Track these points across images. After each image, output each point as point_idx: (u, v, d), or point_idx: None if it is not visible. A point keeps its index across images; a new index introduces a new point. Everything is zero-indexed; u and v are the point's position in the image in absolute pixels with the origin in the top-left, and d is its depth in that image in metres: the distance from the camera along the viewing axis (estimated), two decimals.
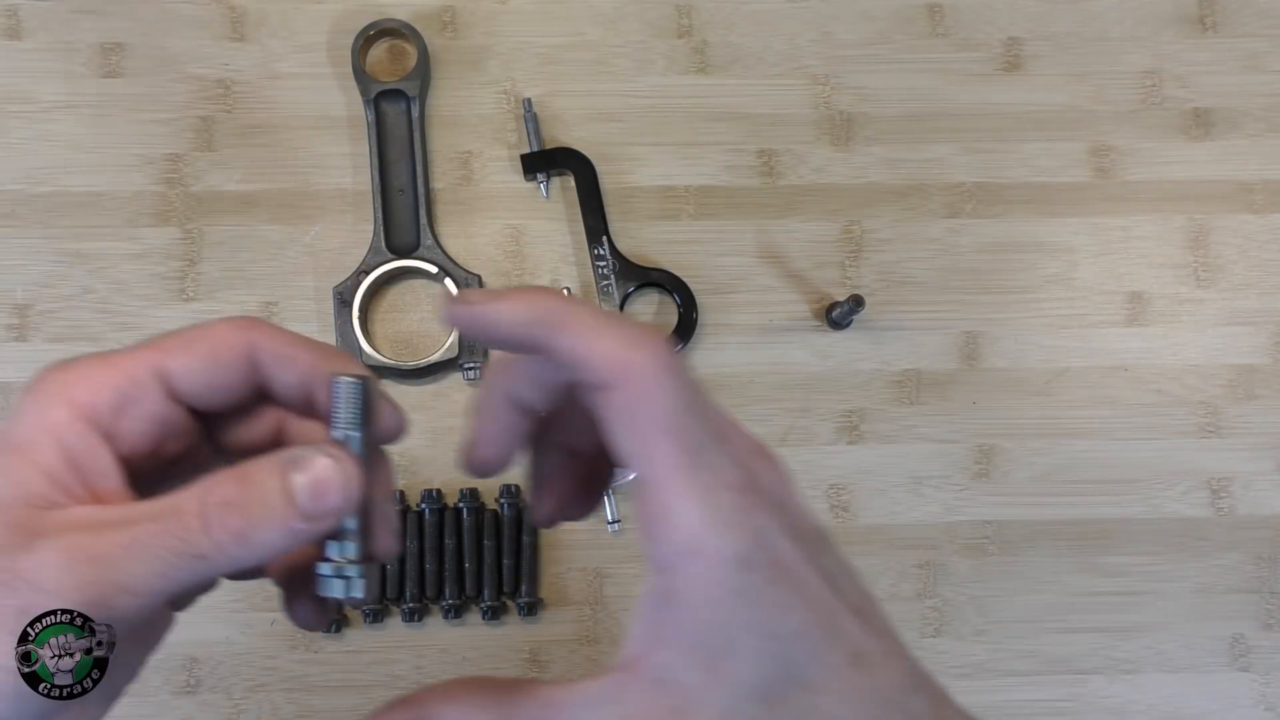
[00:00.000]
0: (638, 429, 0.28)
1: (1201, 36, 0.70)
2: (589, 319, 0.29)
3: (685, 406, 0.28)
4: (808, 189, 0.68)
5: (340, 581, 0.30)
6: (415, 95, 0.66)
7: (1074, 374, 0.67)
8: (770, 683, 0.27)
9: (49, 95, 0.67)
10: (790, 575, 0.28)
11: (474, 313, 0.30)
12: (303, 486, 0.29)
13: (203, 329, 0.31)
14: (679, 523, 0.27)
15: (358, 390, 0.30)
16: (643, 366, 0.28)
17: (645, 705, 0.27)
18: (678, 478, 0.27)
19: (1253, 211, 0.68)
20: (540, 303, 0.29)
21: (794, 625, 0.28)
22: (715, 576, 0.27)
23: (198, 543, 0.28)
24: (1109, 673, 0.65)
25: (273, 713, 0.63)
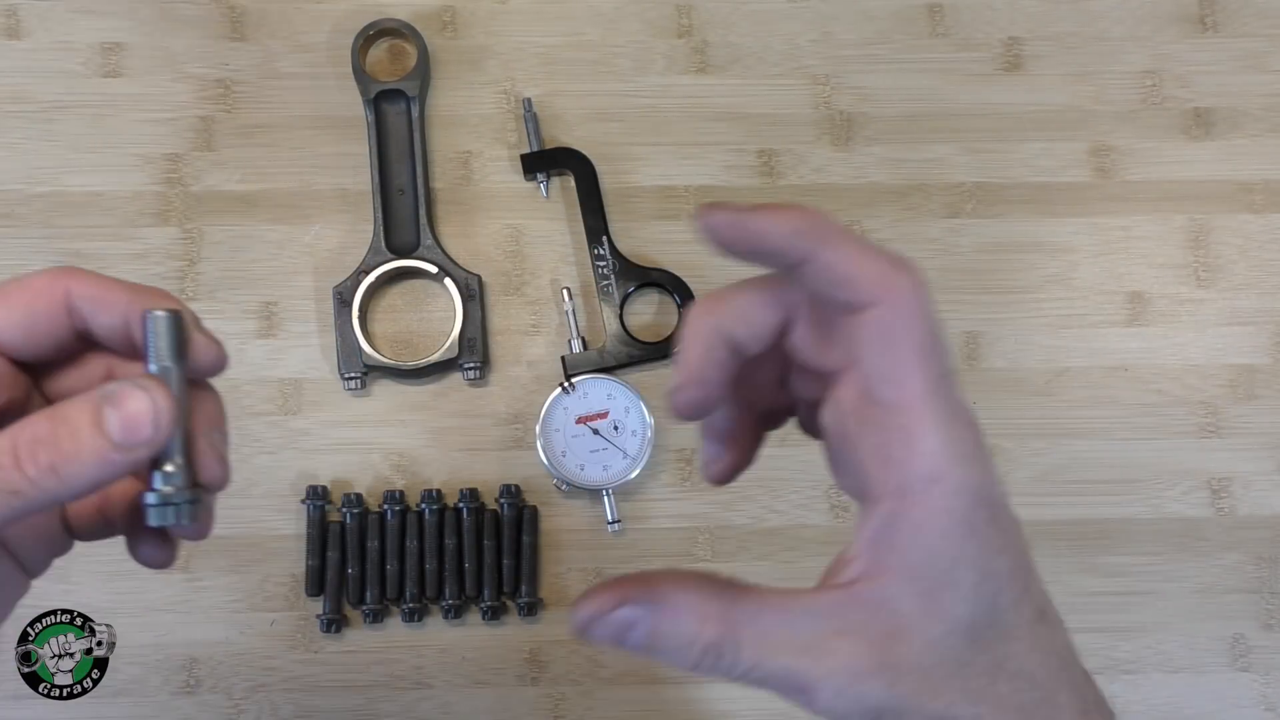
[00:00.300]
0: (894, 350, 0.28)
1: (1201, 36, 0.70)
2: (854, 238, 0.29)
3: (937, 333, 0.29)
4: (808, 189, 0.68)
5: (169, 509, 0.30)
6: (415, 95, 0.66)
7: (1074, 374, 0.67)
8: (978, 622, 0.28)
9: (49, 95, 0.67)
10: (1002, 519, 0.29)
11: (741, 220, 0.29)
12: (114, 418, 0.28)
13: (17, 281, 0.32)
14: (924, 448, 0.28)
15: (170, 323, 0.31)
16: (907, 288, 0.28)
17: (860, 625, 0.28)
18: (929, 404, 0.28)
19: (1253, 211, 0.68)
20: (809, 217, 0.29)
21: (1004, 569, 0.28)
22: (951, 505, 0.28)
23: (10, 479, 0.28)
24: (1109, 673, 0.65)
25: (273, 713, 0.63)
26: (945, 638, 0.28)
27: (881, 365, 0.28)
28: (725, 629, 0.28)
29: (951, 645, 0.28)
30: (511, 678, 0.64)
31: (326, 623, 0.63)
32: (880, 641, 0.28)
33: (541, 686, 0.64)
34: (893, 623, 0.28)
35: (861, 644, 0.28)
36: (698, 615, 0.28)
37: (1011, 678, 0.28)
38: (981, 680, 0.28)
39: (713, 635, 0.28)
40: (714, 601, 0.29)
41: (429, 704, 0.64)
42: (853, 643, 0.28)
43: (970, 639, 0.28)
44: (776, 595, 0.29)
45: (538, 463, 0.64)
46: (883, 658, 0.28)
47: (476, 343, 0.65)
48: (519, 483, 0.65)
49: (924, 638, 0.28)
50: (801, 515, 0.65)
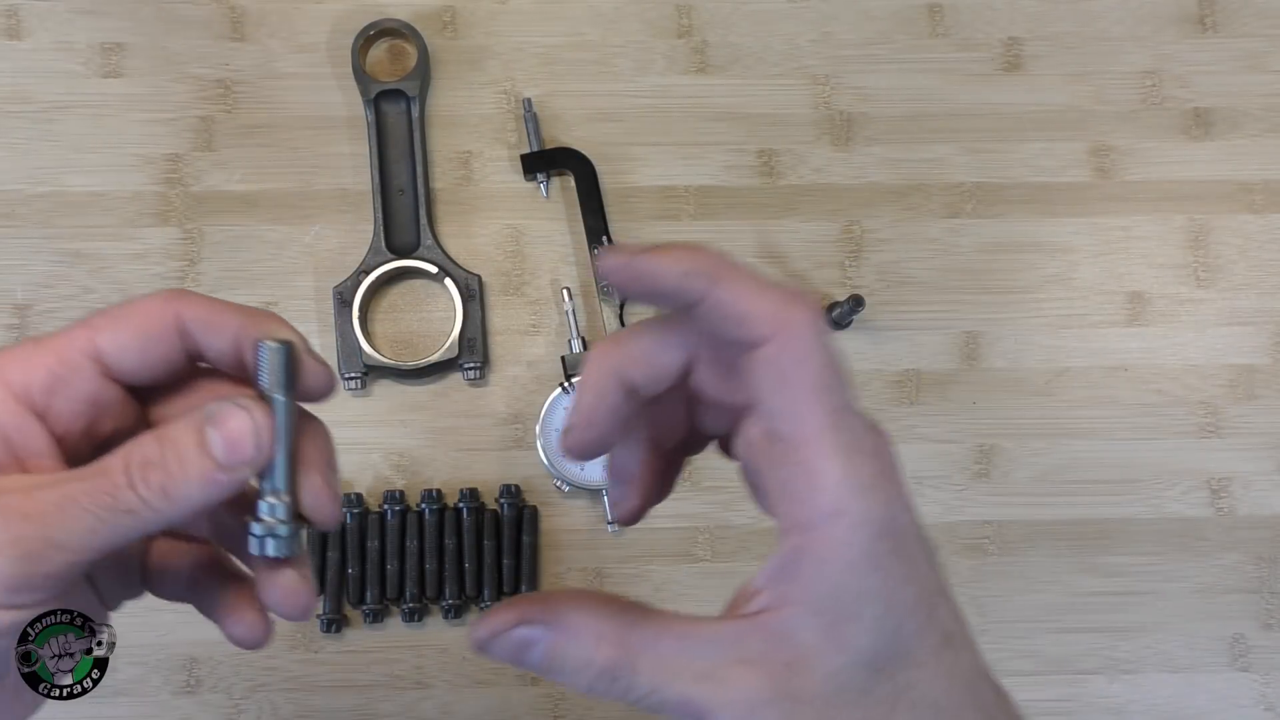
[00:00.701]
0: (789, 386, 0.28)
1: (1201, 36, 0.70)
2: (747, 275, 0.29)
3: (834, 367, 0.29)
4: (808, 189, 0.68)
5: (271, 540, 0.31)
6: (415, 95, 0.66)
7: (1074, 374, 0.67)
8: (880, 652, 0.28)
9: (49, 95, 0.67)
10: (908, 549, 0.29)
11: (635, 264, 0.29)
12: (217, 438, 0.29)
13: (130, 304, 0.31)
14: (824, 483, 0.28)
15: (282, 354, 0.31)
16: (799, 324, 0.28)
17: (760, 655, 0.28)
18: (826, 438, 0.28)
19: (1253, 211, 0.68)
20: (701, 257, 0.29)
21: (909, 599, 0.29)
22: (853, 539, 0.28)
23: (125, 498, 0.28)
24: (1109, 673, 0.65)
25: (273, 713, 0.63)
26: (846, 668, 0.28)
27: (779, 401, 0.28)
28: (622, 653, 0.29)
29: (852, 675, 0.28)
30: (511, 678, 0.64)
31: (327, 623, 0.63)
32: (780, 672, 0.28)
33: (541, 687, 0.64)
34: (794, 653, 0.28)
35: (761, 674, 0.28)
36: (594, 637, 0.29)
37: (912, 705, 0.29)
38: (881, 709, 0.28)
39: (609, 658, 0.29)
40: (612, 624, 0.29)
41: (429, 704, 0.64)
42: (752, 672, 0.28)
43: (872, 669, 0.28)
44: (678, 622, 0.29)
45: (538, 463, 0.64)
46: (782, 688, 0.28)
47: (476, 343, 0.65)
48: (519, 483, 0.65)
49: (825, 669, 0.28)
50: None
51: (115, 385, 0.31)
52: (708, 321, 0.29)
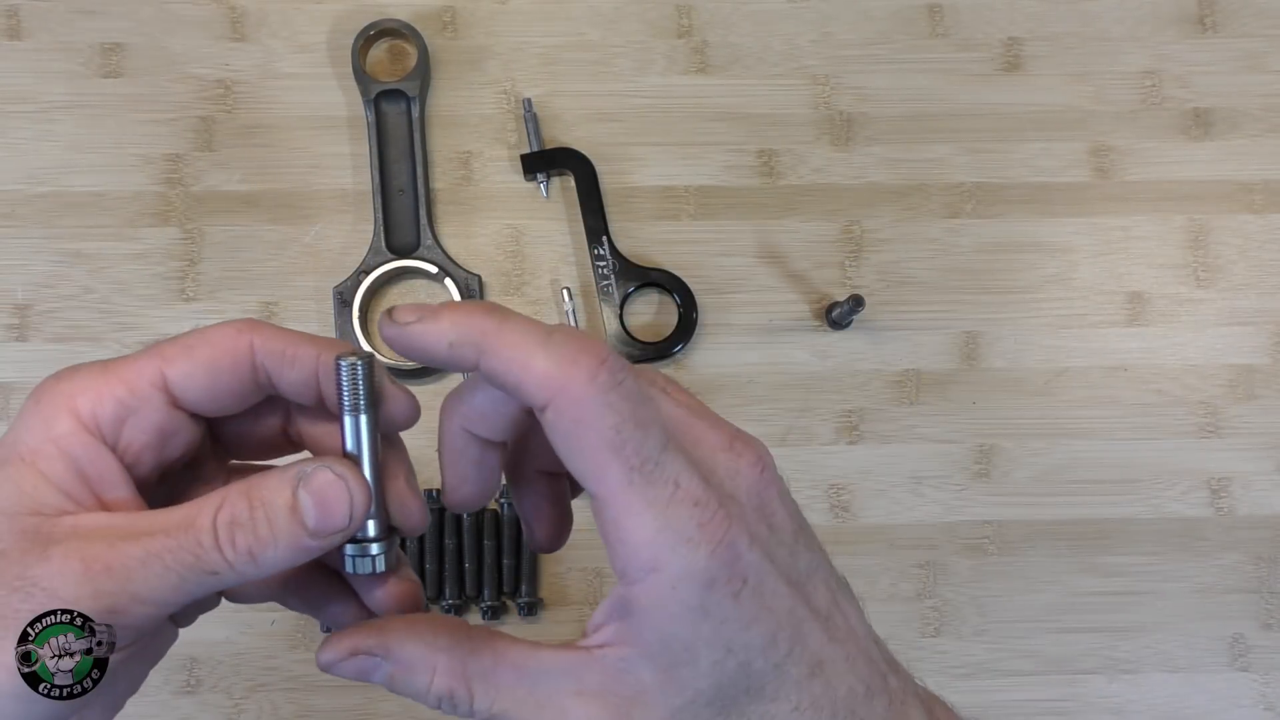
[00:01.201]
0: (581, 448, 0.27)
1: (1201, 36, 0.70)
2: (519, 338, 0.28)
3: (628, 421, 0.27)
4: (808, 189, 0.68)
5: (364, 559, 0.31)
6: (415, 95, 0.66)
7: (1074, 374, 0.67)
8: (726, 691, 0.28)
9: (49, 95, 0.67)
10: (756, 589, 0.28)
11: (403, 334, 0.29)
12: (309, 504, 0.29)
13: (202, 335, 0.31)
14: (635, 540, 0.27)
15: (364, 370, 0.30)
16: (576, 386, 0.27)
17: (600, 688, 0.28)
18: (630, 495, 0.27)
19: (1253, 211, 0.68)
20: (468, 322, 0.28)
21: (757, 640, 0.28)
22: (674, 594, 0.27)
23: (211, 559, 0.28)
24: (1109, 673, 0.65)
25: (273, 713, 0.63)
26: (686, 708, 0.28)
27: (574, 464, 0.28)
28: (456, 682, 0.29)
29: (696, 713, 0.28)
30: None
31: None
32: (621, 706, 0.28)
33: None
34: (634, 689, 0.28)
35: (599, 706, 0.28)
36: (427, 667, 0.29)
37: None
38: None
39: (443, 687, 0.29)
40: (445, 655, 0.29)
41: None
42: (591, 704, 0.28)
43: (716, 707, 0.28)
44: (516, 649, 0.29)
45: None
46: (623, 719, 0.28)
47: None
48: None
49: (666, 708, 0.28)
50: None
51: (185, 414, 0.31)
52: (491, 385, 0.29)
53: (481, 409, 0.31)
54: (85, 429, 0.29)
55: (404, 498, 0.32)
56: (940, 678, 0.65)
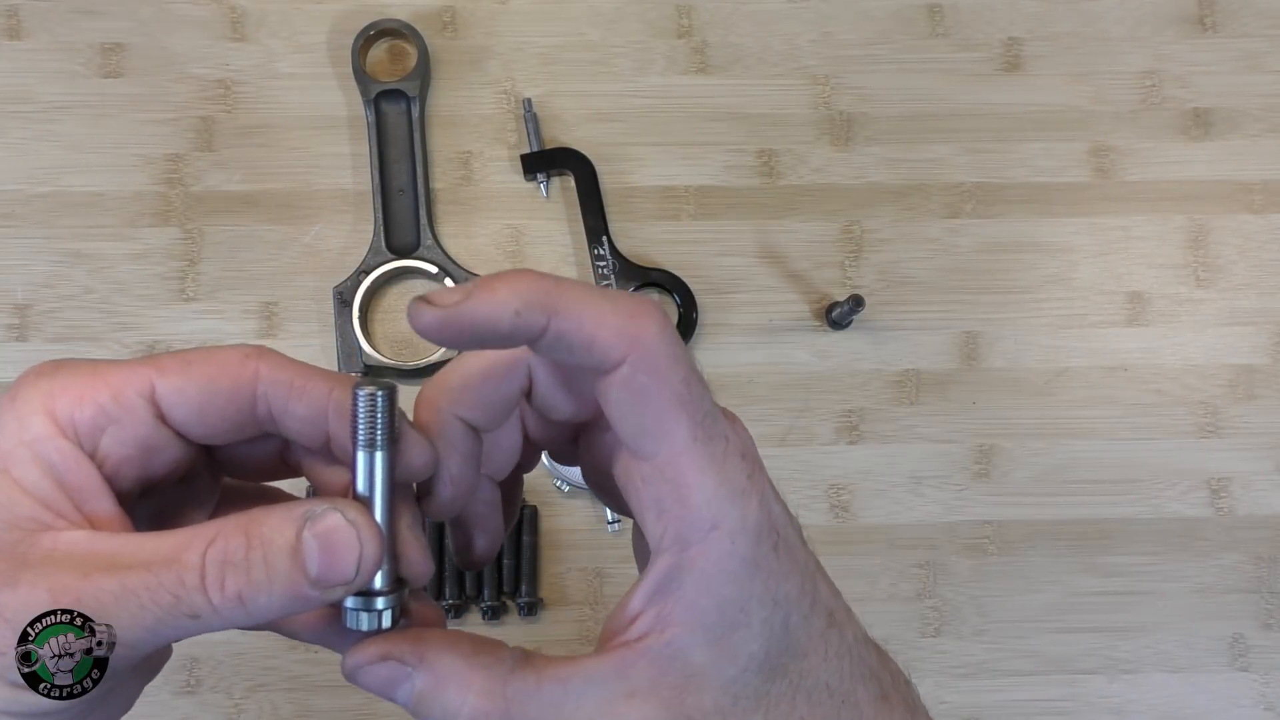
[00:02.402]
0: (650, 404, 0.27)
1: (1201, 36, 0.70)
2: (585, 296, 0.27)
3: (692, 374, 0.27)
4: (808, 189, 0.68)
5: (367, 615, 0.28)
6: (415, 95, 0.66)
7: (1074, 374, 0.67)
8: (773, 652, 0.28)
9: (49, 95, 0.67)
10: (786, 541, 0.28)
11: (459, 315, 0.26)
12: (314, 553, 0.26)
13: (205, 353, 0.29)
14: (698, 498, 0.27)
15: (382, 402, 0.27)
16: (652, 338, 0.26)
17: (650, 683, 0.27)
18: (695, 450, 0.27)
19: (1253, 211, 0.68)
20: (531, 286, 0.27)
21: (791, 591, 0.28)
22: (732, 549, 0.27)
23: (194, 602, 0.26)
24: (1109, 673, 0.65)
25: (273, 713, 0.63)
26: (740, 676, 0.27)
27: (641, 421, 0.27)
28: (493, 703, 0.27)
29: (748, 682, 0.27)
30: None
31: None
32: (674, 695, 0.27)
33: None
34: (684, 674, 0.27)
35: (653, 703, 0.27)
36: (462, 685, 0.27)
37: (809, 693, 0.28)
38: (782, 707, 0.28)
39: (478, 709, 0.27)
40: (483, 673, 0.27)
41: None
42: (644, 703, 0.27)
43: (766, 671, 0.28)
44: (556, 665, 0.27)
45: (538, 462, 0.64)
46: (677, 712, 0.27)
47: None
48: None
49: (719, 682, 0.27)
50: (801, 515, 0.65)
51: (172, 432, 0.29)
52: (554, 353, 0.27)
53: (477, 394, 0.30)
54: (61, 433, 0.27)
55: (410, 546, 0.29)
56: (940, 678, 0.65)
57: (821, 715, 0.28)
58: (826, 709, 0.29)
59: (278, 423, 0.29)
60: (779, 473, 0.65)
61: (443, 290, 0.27)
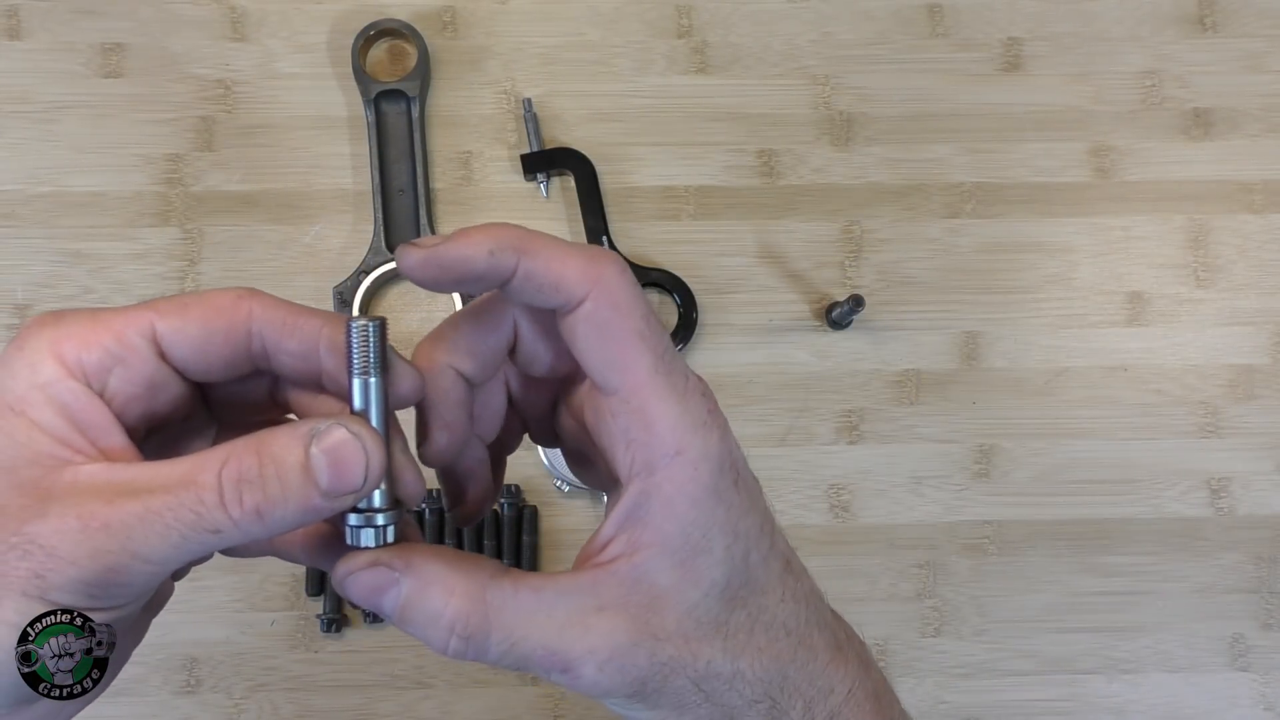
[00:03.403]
0: (613, 337, 0.29)
1: (1201, 36, 0.70)
2: (551, 241, 0.29)
3: (650, 313, 0.29)
4: (808, 189, 0.68)
5: (370, 531, 0.30)
6: (415, 95, 0.66)
7: (1074, 374, 0.67)
8: (732, 581, 0.30)
9: (49, 95, 0.67)
10: (746, 482, 0.30)
11: (439, 255, 0.29)
12: (323, 465, 0.27)
13: (199, 296, 0.30)
14: (661, 426, 0.29)
15: (374, 332, 0.29)
16: (612, 277, 0.29)
17: (619, 600, 0.29)
18: (657, 381, 0.29)
19: (1253, 211, 0.68)
20: (503, 232, 0.29)
21: (752, 528, 0.30)
22: (695, 475, 0.29)
23: (215, 518, 0.27)
24: (1109, 673, 0.65)
25: (273, 713, 0.63)
26: (703, 601, 0.29)
27: (605, 355, 0.29)
28: (473, 606, 0.29)
29: (709, 608, 0.29)
30: (511, 677, 0.64)
31: (327, 622, 0.63)
32: (640, 614, 0.29)
33: (542, 686, 0.64)
34: (651, 595, 0.29)
35: (621, 618, 0.29)
36: (445, 589, 0.29)
37: (767, 628, 0.30)
38: (740, 636, 0.30)
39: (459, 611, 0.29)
40: (465, 580, 0.29)
41: (429, 704, 0.64)
42: (612, 618, 0.29)
43: (726, 599, 0.30)
44: (533, 578, 0.30)
45: (538, 463, 0.64)
46: (644, 629, 0.29)
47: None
48: (519, 483, 0.65)
49: (683, 605, 0.29)
50: (801, 515, 0.65)
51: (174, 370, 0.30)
52: (523, 294, 0.29)
53: (468, 344, 0.31)
54: (71, 375, 0.28)
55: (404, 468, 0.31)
56: (940, 678, 0.65)
57: (777, 651, 0.30)
58: (783, 646, 0.31)
59: (271, 359, 0.31)
60: (779, 473, 0.65)
61: (426, 238, 0.29)
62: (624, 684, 0.29)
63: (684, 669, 0.29)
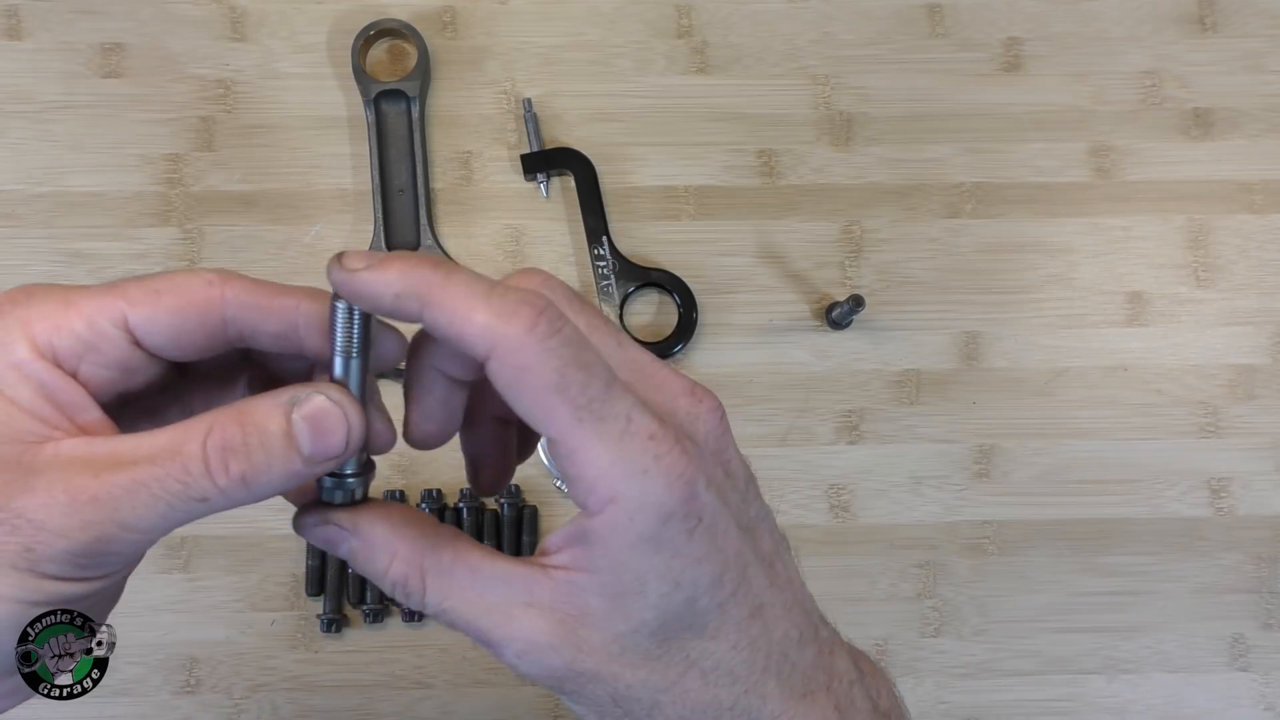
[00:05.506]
0: (526, 394, 0.28)
1: (1201, 36, 0.70)
2: (462, 290, 0.28)
3: (570, 364, 0.28)
4: (808, 189, 0.68)
5: (340, 492, 0.31)
6: (415, 95, 0.66)
7: (1074, 374, 0.67)
8: (669, 624, 0.29)
9: (49, 95, 0.67)
10: (710, 529, 0.29)
11: (350, 280, 0.29)
12: (304, 430, 0.28)
13: (170, 280, 0.30)
14: (591, 473, 0.28)
15: (359, 314, 0.30)
16: (515, 336, 0.28)
17: (549, 604, 0.29)
18: (581, 432, 0.28)
19: (1253, 211, 0.68)
20: (414, 275, 0.28)
21: (705, 577, 0.29)
22: (630, 524, 0.28)
23: (202, 487, 0.28)
24: (1109, 673, 0.65)
25: (273, 713, 0.63)
26: (631, 634, 0.29)
27: (522, 409, 0.28)
28: (412, 572, 0.30)
29: (637, 641, 0.29)
30: (511, 677, 0.64)
31: (327, 622, 0.63)
32: (567, 622, 0.29)
33: (541, 686, 0.64)
34: (582, 610, 0.29)
35: (547, 620, 0.29)
36: (388, 553, 0.30)
37: (705, 673, 0.30)
38: (670, 674, 0.30)
39: (399, 573, 0.30)
40: (407, 545, 0.30)
41: (429, 704, 0.64)
42: (539, 616, 0.29)
43: (658, 638, 0.29)
44: (476, 554, 0.30)
45: (538, 463, 0.64)
46: (568, 636, 0.29)
47: None
48: (519, 483, 0.65)
49: (610, 631, 0.29)
50: (801, 515, 0.65)
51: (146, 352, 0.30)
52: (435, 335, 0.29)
53: (451, 349, 0.31)
54: (43, 356, 0.29)
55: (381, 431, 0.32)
56: (940, 678, 0.65)
57: (712, 696, 0.30)
58: (720, 691, 0.30)
59: (249, 340, 0.31)
60: (779, 473, 0.65)
61: (357, 253, 0.29)
62: (540, 677, 0.30)
63: (602, 684, 0.29)
